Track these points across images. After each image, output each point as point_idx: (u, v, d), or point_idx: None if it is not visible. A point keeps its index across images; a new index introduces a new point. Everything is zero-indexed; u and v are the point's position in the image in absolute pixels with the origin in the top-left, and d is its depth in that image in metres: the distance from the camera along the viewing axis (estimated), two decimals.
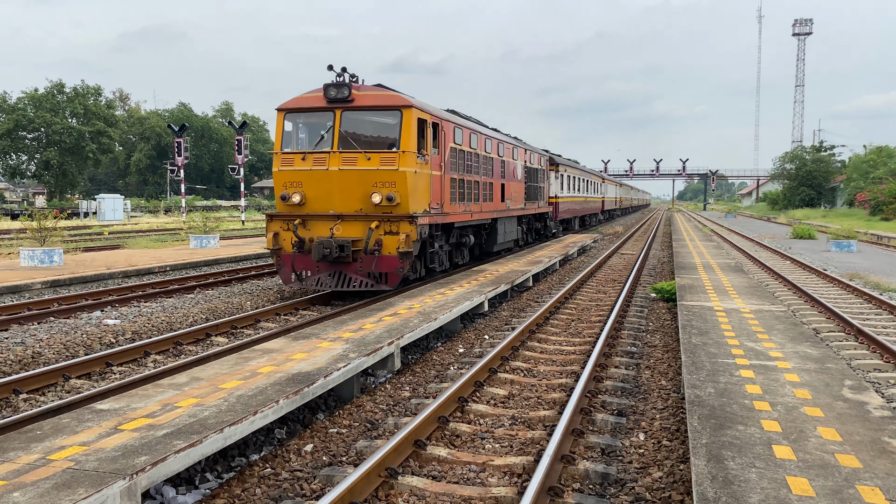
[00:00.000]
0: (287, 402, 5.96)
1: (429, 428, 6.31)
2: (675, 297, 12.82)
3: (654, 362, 9.29)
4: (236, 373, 6.81)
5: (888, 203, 54.27)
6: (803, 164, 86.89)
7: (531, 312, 12.81)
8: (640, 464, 5.83)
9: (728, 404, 5.94)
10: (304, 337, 8.52)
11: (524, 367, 8.90)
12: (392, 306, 10.84)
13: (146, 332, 10.73)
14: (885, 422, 5.50)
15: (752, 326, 9.50)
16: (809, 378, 6.82)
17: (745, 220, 69.31)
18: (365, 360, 7.49)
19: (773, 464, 4.62)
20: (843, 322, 11.57)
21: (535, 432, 6.41)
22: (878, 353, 9.62)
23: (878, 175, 63.79)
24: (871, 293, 14.81)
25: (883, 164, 67.30)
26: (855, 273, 19.49)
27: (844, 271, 20.18)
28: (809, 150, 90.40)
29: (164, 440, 4.90)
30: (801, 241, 35.38)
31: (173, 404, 5.77)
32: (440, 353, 9.89)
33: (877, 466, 4.58)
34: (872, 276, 18.70)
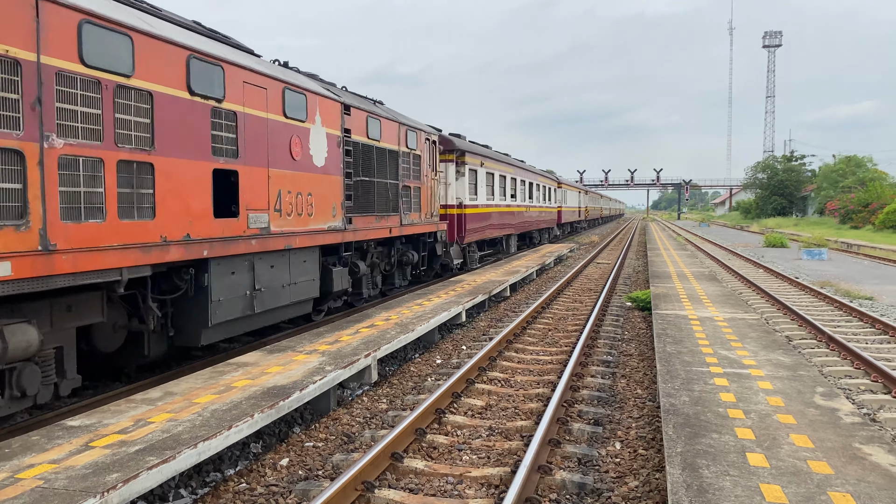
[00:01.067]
0: (262, 417, 5.91)
1: (406, 440, 6.29)
2: (651, 305, 12.93)
3: (630, 371, 9.35)
4: (211, 387, 6.73)
5: (857, 212, 55.33)
6: (775, 173, 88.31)
7: (508, 322, 12.83)
8: (617, 473, 5.85)
9: (703, 412, 5.99)
10: (279, 350, 8.45)
11: (501, 377, 8.90)
12: (369, 318, 10.81)
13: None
14: (856, 428, 5.58)
15: (725, 334, 9.61)
16: (782, 385, 6.91)
17: (719, 229, 70.16)
18: (341, 372, 7.45)
19: (746, 472, 4.66)
20: (815, 329, 11.74)
21: (513, 443, 6.41)
22: (848, 360, 9.77)
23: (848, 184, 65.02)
24: (842, 301, 15.05)
25: (852, 174, 68.61)
26: (826, 281, 19.81)
27: (816, 279, 20.51)
28: (781, 160, 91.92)
29: (136, 456, 4.83)
30: (773, 249, 35.89)
31: (146, 420, 5.69)
32: (418, 365, 9.87)
33: (848, 473, 4.65)
34: (843, 284, 19.02)
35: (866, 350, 10.47)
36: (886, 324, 12.08)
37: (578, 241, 41.92)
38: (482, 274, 17.86)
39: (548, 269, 23.76)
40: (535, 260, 22.68)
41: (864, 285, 19.07)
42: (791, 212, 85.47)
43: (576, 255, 30.93)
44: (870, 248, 35.88)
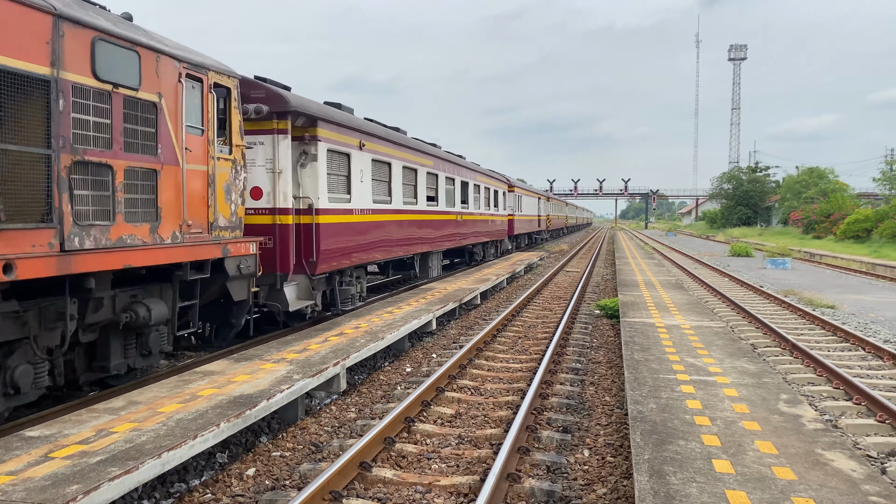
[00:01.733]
0: (228, 426, 5.82)
1: (374, 449, 6.24)
2: (619, 313, 13.04)
3: (599, 378, 9.41)
4: (176, 396, 6.62)
5: (819, 222, 56.55)
6: (740, 184, 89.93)
7: (479, 330, 12.84)
8: (585, 480, 5.87)
9: (670, 419, 6.04)
10: (246, 358, 8.35)
11: (471, 385, 8.90)
12: (338, 326, 10.73)
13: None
14: (819, 434, 5.68)
15: (692, 342, 9.73)
16: (747, 392, 7.00)
17: (685, 239, 71.16)
18: (309, 381, 7.37)
19: (712, 478, 4.71)
20: (779, 337, 11.94)
21: (482, 451, 6.40)
22: (811, 368, 9.95)
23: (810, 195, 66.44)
24: (805, 309, 15.34)
25: (814, 185, 70.12)
26: (790, 290, 20.18)
27: (780, 288, 20.88)
28: (746, 171, 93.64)
29: (97, 467, 4.72)
30: (738, 258, 36.50)
31: (109, 430, 5.57)
32: (387, 373, 9.82)
33: (811, 478, 4.72)
34: (806, 293, 19.40)
35: (828, 358, 10.68)
36: (848, 332, 12.33)
37: (548, 249, 42.13)
38: (453, 282, 17.87)
39: (518, 277, 23.85)
40: (505, 268, 22.76)
41: (826, 294, 19.47)
42: (756, 222, 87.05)
43: (546, 263, 31.10)
44: (832, 258, 36.68)
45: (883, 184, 65.75)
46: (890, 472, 6.11)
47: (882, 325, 14.18)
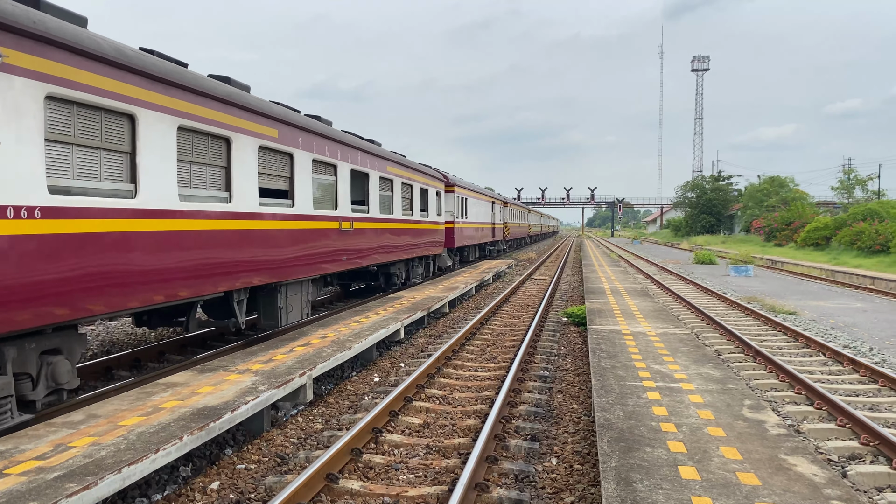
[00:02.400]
0: (191, 439, 5.71)
1: (341, 461, 6.17)
2: (586, 321, 13.12)
3: (566, 386, 9.45)
4: (137, 409, 6.47)
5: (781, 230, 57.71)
6: (703, 192, 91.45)
7: (447, 339, 12.81)
8: (553, 489, 5.87)
9: (636, 426, 6.08)
10: (210, 370, 8.20)
11: (440, 394, 8.86)
12: (305, 336, 10.62)
13: None
14: (781, 439, 5.76)
15: (657, 349, 9.82)
16: (712, 399, 7.08)
17: (651, 246, 72.05)
18: (275, 392, 7.27)
19: (679, 485, 4.74)
20: (743, 344, 12.12)
21: (450, 461, 6.37)
22: (774, 373, 10.11)
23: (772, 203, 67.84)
24: (768, 315, 15.61)
25: (775, 193, 71.62)
26: (752, 296, 20.52)
27: (743, 295, 21.23)
28: (709, 180, 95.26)
29: (55, 483, 4.59)
30: (702, 266, 37.06)
31: (67, 444, 5.42)
32: (355, 383, 9.73)
33: (774, 483, 4.78)
34: (768, 299, 19.74)
35: (790, 363, 10.87)
36: (809, 338, 12.57)
37: (516, 257, 42.28)
38: (422, 290, 17.82)
39: (487, 284, 23.89)
40: (473, 276, 22.78)
41: (787, 300, 19.85)
42: (719, 229, 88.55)
43: (514, 271, 31.21)
44: (793, 265, 37.44)
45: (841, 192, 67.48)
46: (850, 476, 6.22)
47: (841, 330, 14.49)
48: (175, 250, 7.93)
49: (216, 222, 8.83)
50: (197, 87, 8.39)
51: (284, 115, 10.92)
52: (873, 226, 40.97)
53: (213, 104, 8.81)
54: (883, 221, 41.34)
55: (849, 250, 41.50)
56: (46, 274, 6.06)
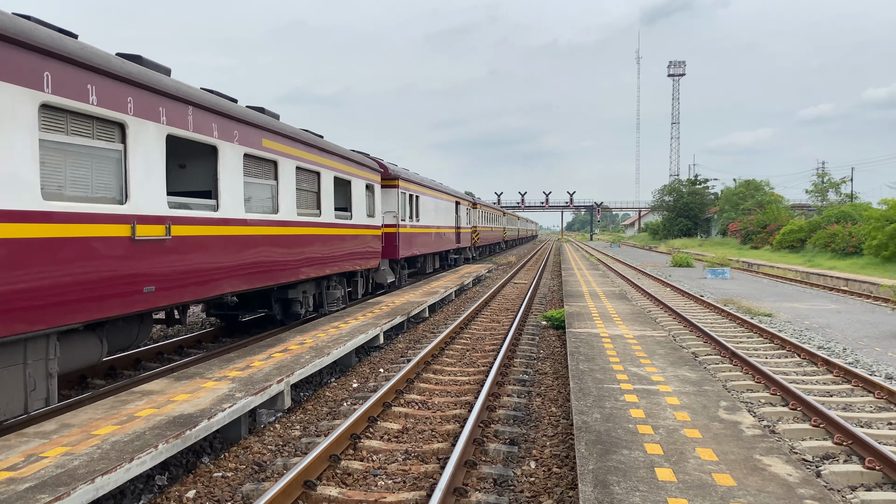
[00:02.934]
0: (167, 447, 5.64)
1: (319, 467, 6.14)
2: (565, 324, 13.18)
3: (545, 389, 9.47)
4: (112, 417, 6.39)
5: (756, 232, 58.43)
6: (680, 196, 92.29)
7: (427, 343, 12.80)
8: (532, 492, 5.88)
9: (614, 429, 6.11)
10: (187, 377, 8.12)
11: (419, 399, 8.85)
12: (283, 342, 10.55)
13: None
14: (757, 440, 5.82)
15: (635, 352, 9.88)
16: (689, 401, 7.14)
17: (629, 250, 72.57)
18: (252, 399, 7.21)
19: (655, 486, 4.77)
20: (719, 346, 12.24)
21: (429, 466, 6.35)
22: (750, 375, 10.22)
23: (748, 206, 68.62)
24: (744, 317, 15.78)
25: (751, 197, 72.46)
26: (729, 299, 20.74)
27: (720, 297, 21.45)
28: (686, 184, 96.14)
29: (25, 494, 4.51)
30: (679, 268, 37.40)
31: (39, 455, 5.33)
32: (333, 389, 9.69)
33: (749, 484, 4.83)
34: (744, 302, 19.97)
35: (766, 365, 11.00)
36: (784, 339, 12.72)
37: (496, 261, 42.35)
38: (401, 295, 17.79)
39: (467, 289, 23.92)
40: (453, 281, 22.79)
41: (763, 302, 20.09)
42: (696, 233, 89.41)
43: (493, 275, 31.26)
44: (768, 267, 37.91)
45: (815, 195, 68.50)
46: (824, 475, 6.30)
47: (816, 331, 14.68)
48: None
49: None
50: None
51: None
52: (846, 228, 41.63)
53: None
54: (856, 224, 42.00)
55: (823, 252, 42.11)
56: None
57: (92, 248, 6.94)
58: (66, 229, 6.58)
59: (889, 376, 10.36)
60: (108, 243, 7.19)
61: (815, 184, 69.20)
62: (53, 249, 6.43)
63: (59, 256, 6.50)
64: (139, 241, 7.69)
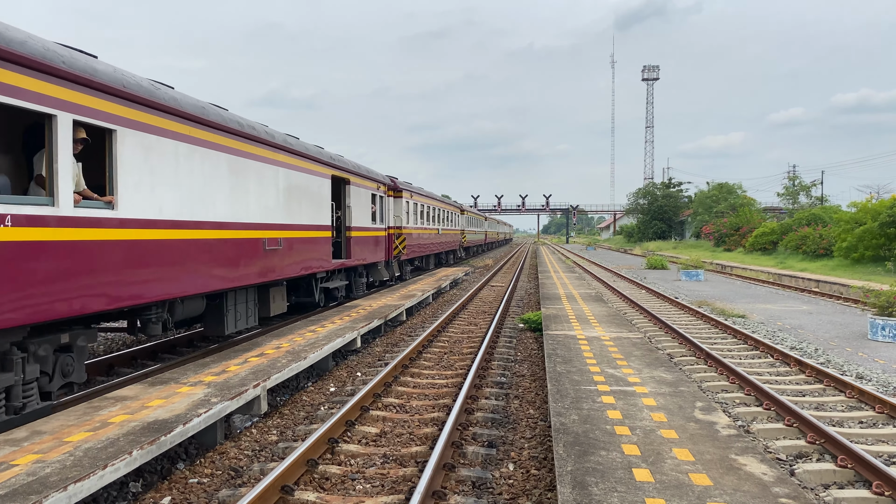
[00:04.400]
0: (141, 453, 5.56)
1: (297, 472, 6.09)
2: (542, 326, 13.23)
3: (523, 391, 9.50)
4: (84, 424, 6.28)
5: (730, 235, 59.11)
6: (655, 199, 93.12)
7: (404, 347, 12.77)
8: (510, 495, 5.89)
9: (591, 430, 6.14)
10: (161, 382, 8.02)
11: (397, 403, 8.82)
12: (259, 346, 10.46)
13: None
14: (732, 440, 5.88)
15: (612, 353, 9.95)
16: (665, 401, 7.20)
17: (604, 252, 73.10)
18: (228, 404, 7.14)
19: (633, 487, 4.80)
20: (694, 347, 12.36)
21: (407, 469, 6.33)
22: (724, 375, 10.33)
23: (720, 209, 69.42)
24: (718, 319, 15.96)
25: (724, 200, 73.30)
26: (703, 300, 20.97)
27: (694, 299, 21.67)
28: (660, 187, 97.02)
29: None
30: (654, 271, 37.74)
31: (9, 462, 5.22)
32: (310, 394, 9.62)
33: (725, 483, 4.88)
34: (718, 303, 20.20)
35: (740, 365, 11.13)
36: (758, 340, 12.89)
37: (473, 264, 42.40)
38: (378, 299, 17.74)
39: (444, 292, 23.91)
40: (431, 284, 22.77)
41: (736, 304, 20.33)
42: (670, 235, 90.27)
43: (471, 278, 31.30)
44: (741, 269, 38.38)
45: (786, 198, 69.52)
46: (798, 474, 6.39)
47: (788, 332, 14.90)
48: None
49: None
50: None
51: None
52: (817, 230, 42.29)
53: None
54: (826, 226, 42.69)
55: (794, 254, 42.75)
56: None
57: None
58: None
59: (860, 376, 10.54)
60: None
61: (786, 187, 70.27)
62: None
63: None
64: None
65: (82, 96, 7.02)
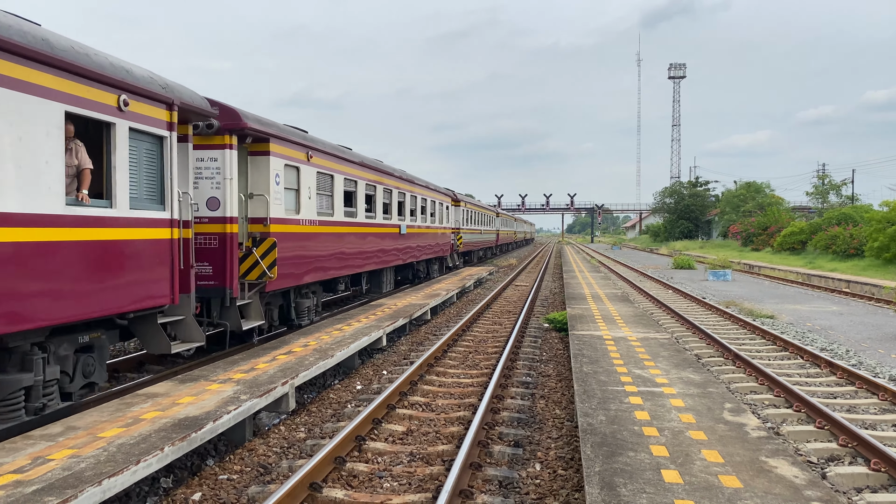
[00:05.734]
0: (173, 450, 5.65)
1: (325, 469, 6.14)
2: (567, 326, 13.18)
3: (549, 392, 9.48)
4: (117, 420, 6.40)
5: (758, 234, 58.40)
6: (681, 198, 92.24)
7: (429, 346, 12.80)
8: (537, 494, 5.88)
9: (619, 431, 6.11)
10: (192, 379, 8.13)
11: (423, 401, 8.85)
12: (287, 344, 10.56)
13: None
14: (762, 442, 5.82)
15: (639, 354, 9.88)
16: (693, 402, 7.14)
17: (630, 252, 72.57)
18: (257, 401, 7.22)
19: (661, 488, 4.77)
20: (722, 348, 12.24)
21: (434, 468, 6.36)
22: (753, 377, 10.22)
23: (748, 209, 68.60)
24: (746, 319, 15.77)
25: (752, 199, 72.44)
26: (731, 300, 20.74)
27: (721, 299, 21.44)
28: (686, 186, 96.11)
29: (33, 497, 4.52)
30: (681, 271, 37.38)
31: (45, 457, 5.34)
32: (337, 391, 9.69)
33: (756, 485, 4.83)
34: (746, 303, 19.96)
35: (769, 367, 10.99)
36: (787, 341, 12.72)
37: (496, 264, 42.34)
38: (403, 298, 17.80)
39: (468, 291, 23.92)
40: (455, 283, 22.79)
41: (765, 304, 20.08)
42: (697, 235, 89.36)
43: (495, 277, 31.26)
44: (769, 269, 37.90)
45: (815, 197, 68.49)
46: (830, 477, 6.30)
47: (818, 333, 14.68)
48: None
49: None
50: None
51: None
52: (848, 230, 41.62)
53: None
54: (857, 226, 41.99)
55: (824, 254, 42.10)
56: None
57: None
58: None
59: (893, 378, 10.37)
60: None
61: (815, 186, 69.26)
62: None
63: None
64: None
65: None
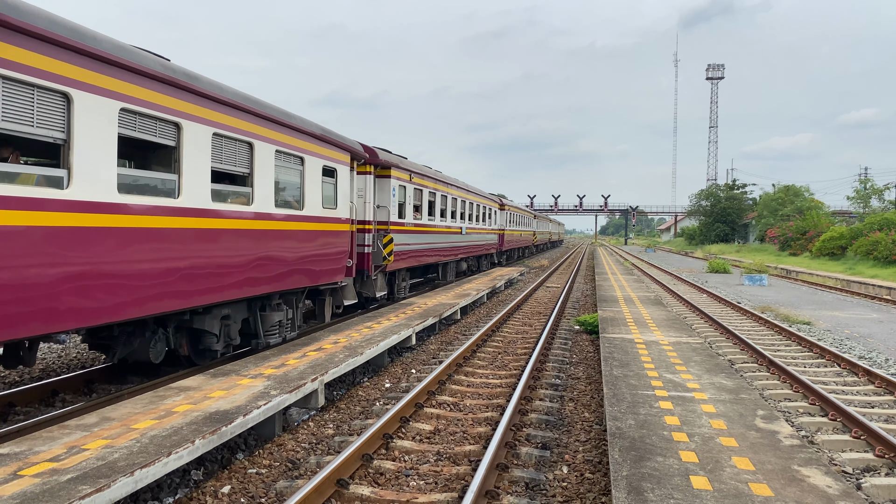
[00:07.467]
0: (204, 443, 5.74)
1: (352, 466, 6.18)
2: (598, 329, 13.08)
3: (578, 394, 9.41)
4: (150, 412, 6.52)
5: (796, 239, 57.27)
6: (718, 201, 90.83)
7: (458, 345, 12.81)
8: (564, 497, 5.85)
9: (648, 436, 6.05)
10: (223, 374, 8.25)
11: (451, 401, 8.86)
12: (317, 341, 10.65)
13: (55, 371, 10.18)
14: (795, 450, 5.71)
15: (670, 358, 9.77)
16: (724, 408, 7.04)
17: (664, 255, 71.72)
18: (287, 397, 7.30)
19: (690, 494, 4.71)
20: (756, 353, 12.03)
21: (461, 468, 6.36)
22: (787, 384, 10.03)
23: (786, 212, 67.32)
24: (782, 325, 15.49)
25: (790, 203, 71.07)
26: (766, 306, 20.38)
27: (757, 304, 21.08)
28: (723, 188, 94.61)
29: (68, 485, 4.62)
30: (716, 274, 36.84)
31: (80, 447, 5.46)
32: (366, 389, 9.75)
33: (787, 494, 4.74)
34: (782, 309, 19.60)
35: (804, 374, 10.78)
36: (823, 348, 12.46)
37: (528, 264, 42.17)
38: (433, 297, 17.83)
39: (498, 291, 23.87)
40: (485, 283, 22.76)
41: (802, 310, 19.69)
42: (733, 238, 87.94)
43: (526, 278, 31.15)
44: (807, 275, 37.14)
45: (857, 202, 66.91)
46: (865, 489, 6.16)
47: (857, 341, 14.35)
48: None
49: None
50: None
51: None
52: (890, 236, 40.58)
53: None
54: None
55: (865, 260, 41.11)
56: None
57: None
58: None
59: None
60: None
61: (857, 190, 67.60)
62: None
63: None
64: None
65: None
